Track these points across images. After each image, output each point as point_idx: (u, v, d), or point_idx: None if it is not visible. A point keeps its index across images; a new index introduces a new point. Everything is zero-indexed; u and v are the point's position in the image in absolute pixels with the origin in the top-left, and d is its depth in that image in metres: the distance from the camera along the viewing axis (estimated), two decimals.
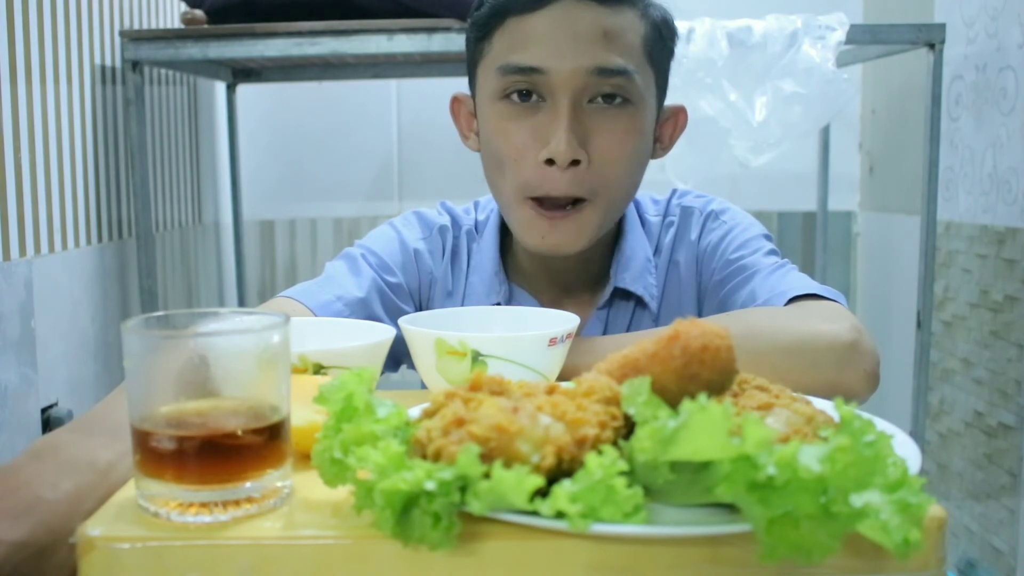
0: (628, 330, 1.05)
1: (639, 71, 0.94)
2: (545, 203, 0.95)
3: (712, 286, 1.04)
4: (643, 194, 1.12)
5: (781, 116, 1.73)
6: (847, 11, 1.78)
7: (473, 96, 1.04)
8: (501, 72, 0.95)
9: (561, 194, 0.94)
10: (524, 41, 0.93)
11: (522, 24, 0.94)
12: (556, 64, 0.92)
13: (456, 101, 1.08)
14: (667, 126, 1.05)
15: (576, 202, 0.95)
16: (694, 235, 1.07)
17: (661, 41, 0.98)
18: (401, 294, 1.05)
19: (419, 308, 1.07)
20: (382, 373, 1.11)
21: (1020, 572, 1.75)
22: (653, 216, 1.10)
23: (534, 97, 0.94)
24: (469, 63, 1.04)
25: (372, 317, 1.00)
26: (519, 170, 0.95)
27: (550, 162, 0.93)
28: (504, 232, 1.09)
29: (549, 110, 0.94)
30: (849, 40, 1.75)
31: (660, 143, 1.05)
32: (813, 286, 0.93)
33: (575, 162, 0.93)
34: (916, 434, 1.82)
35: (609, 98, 0.93)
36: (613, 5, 0.93)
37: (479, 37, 0.99)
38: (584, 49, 0.92)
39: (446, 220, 1.11)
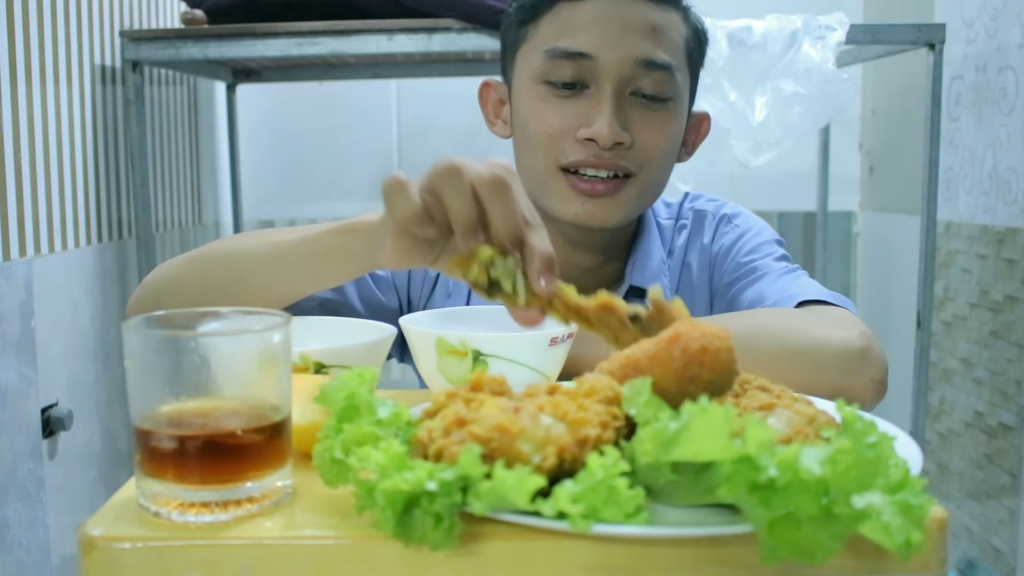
0: None
1: (680, 69, 0.97)
2: (582, 176, 0.95)
3: (722, 288, 1.05)
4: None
5: (781, 116, 1.73)
6: (847, 11, 1.78)
7: (507, 82, 1.05)
8: (548, 55, 0.96)
9: (603, 168, 0.94)
10: (574, 27, 0.95)
11: (572, 10, 0.95)
12: (605, 51, 0.93)
13: (486, 86, 1.09)
14: (692, 131, 1.07)
15: (616, 180, 0.96)
16: (707, 238, 1.08)
17: (699, 46, 1.01)
18: (384, 286, 1.05)
19: (403, 303, 1.07)
20: None
21: (1020, 572, 1.75)
22: (665, 220, 1.11)
23: (578, 84, 0.95)
24: (507, 47, 1.04)
25: (346, 304, 1.01)
26: (554, 145, 0.96)
27: (590, 141, 0.94)
28: None
29: (592, 96, 0.95)
30: (849, 40, 1.75)
31: (685, 147, 1.06)
32: (823, 292, 0.93)
33: (618, 144, 0.94)
34: (916, 434, 1.82)
35: (651, 97, 0.95)
36: (661, 3, 0.96)
37: (524, 20, 1.00)
38: (633, 40, 0.94)
39: None
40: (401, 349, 1.09)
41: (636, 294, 1.05)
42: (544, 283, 0.61)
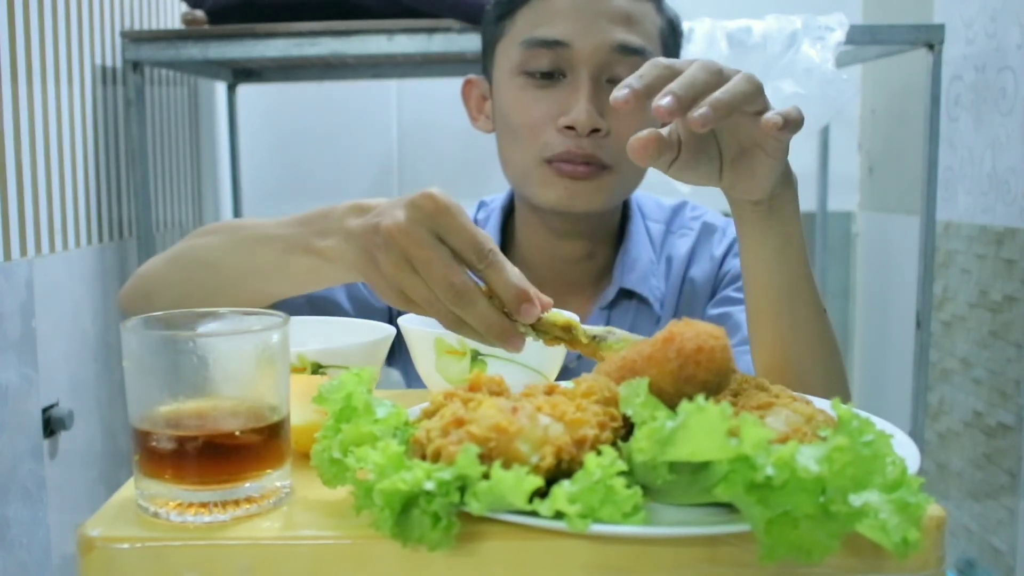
0: (631, 330, 1.05)
1: (655, 56, 0.97)
2: (563, 163, 0.96)
3: (720, 299, 1.05)
4: (646, 195, 1.12)
5: None
6: (847, 11, 1.78)
7: (488, 78, 1.06)
8: (525, 46, 0.97)
9: (581, 154, 0.95)
10: (550, 16, 0.97)
11: (547, 2, 0.97)
12: (580, 39, 0.95)
13: (469, 83, 1.11)
14: None
15: (594, 166, 0.96)
16: (718, 252, 1.08)
17: (673, 37, 1.03)
18: (374, 296, 1.04)
19: (392, 312, 1.07)
20: None
21: (1019, 572, 1.75)
22: (654, 222, 1.11)
23: (555, 73, 0.97)
24: (486, 43, 1.06)
25: (333, 301, 1.01)
26: (536, 135, 0.97)
27: (569, 129, 0.95)
28: (505, 232, 1.10)
29: (569, 84, 0.96)
30: (849, 40, 1.75)
31: None
32: None
33: (595, 131, 0.95)
34: (915, 434, 1.82)
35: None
36: None
37: (501, 15, 1.02)
38: (607, 26, 0.95)
39: None
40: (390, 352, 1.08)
41: (625, 296, 1.05)
42: (525, 313, 0.63)
